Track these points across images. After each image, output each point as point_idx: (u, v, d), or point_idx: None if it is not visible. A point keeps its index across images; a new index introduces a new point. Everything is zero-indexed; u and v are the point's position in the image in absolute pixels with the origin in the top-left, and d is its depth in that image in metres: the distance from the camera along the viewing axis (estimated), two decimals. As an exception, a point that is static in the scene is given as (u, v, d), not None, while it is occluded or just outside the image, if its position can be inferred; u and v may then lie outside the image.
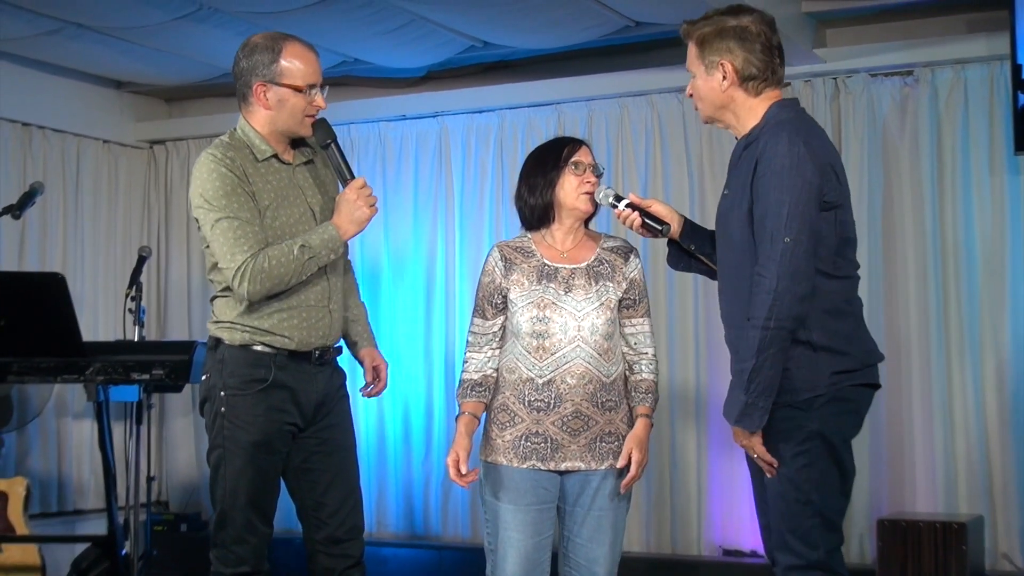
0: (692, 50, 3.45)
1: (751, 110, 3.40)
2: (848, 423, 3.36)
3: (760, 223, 3.24)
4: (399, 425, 6.97)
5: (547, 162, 3.81)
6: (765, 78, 3.39)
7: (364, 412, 6.89)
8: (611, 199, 3.72)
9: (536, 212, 3.81)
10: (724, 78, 3.38)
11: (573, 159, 3.78)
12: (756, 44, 3.37)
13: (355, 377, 4.11)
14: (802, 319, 3.21)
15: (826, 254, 3.28)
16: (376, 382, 4.06)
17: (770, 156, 3.23)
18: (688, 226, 3.69)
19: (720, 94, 3.41)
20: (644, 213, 3.66)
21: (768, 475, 3.31)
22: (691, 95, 3.52)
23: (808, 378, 3.26)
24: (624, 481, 3.71)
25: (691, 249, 3.68)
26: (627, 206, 3.67)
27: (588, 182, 3.77)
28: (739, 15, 3.41)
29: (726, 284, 3.46)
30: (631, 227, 3.68)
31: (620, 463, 3.71)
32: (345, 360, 4.02)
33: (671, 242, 3.74)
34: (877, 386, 3.43)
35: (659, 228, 3.63)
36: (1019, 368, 5.72)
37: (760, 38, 3.38)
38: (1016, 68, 5.48)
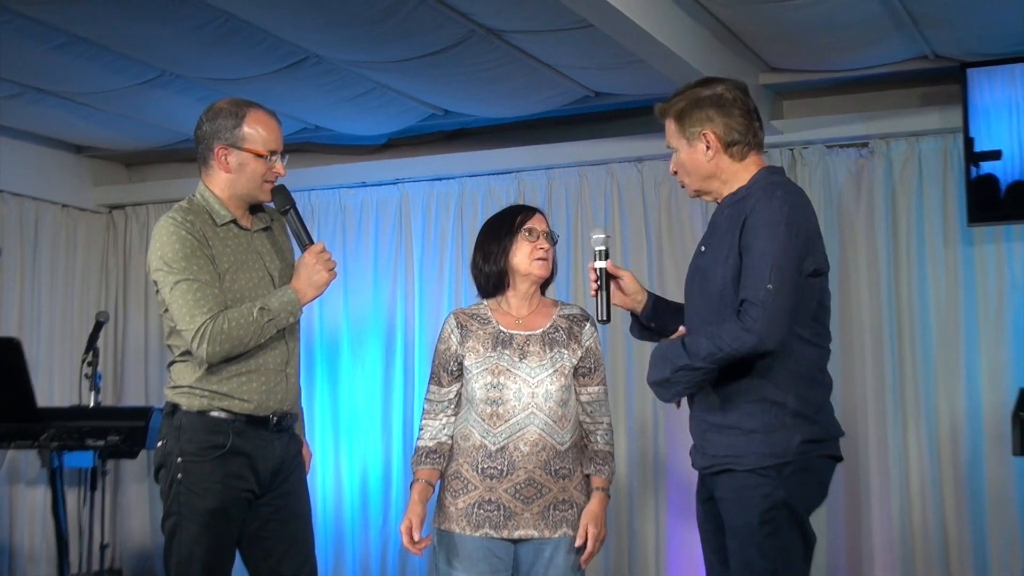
0: (671, 126, 3.46)
1: (737, 175, 3.41)
2: (813, 493, 3.37)
3: (745, 272, 3.23)
4: (356, 492, 6.91)
5: (501, 229, 3.84)
6: (747, 142, 3.41)
7: (321, 478, 6.84)
8: (599, 246, 3.65)
9: (491, 279, 3.83)
10: (708, 147, 3.39)
11: (527, 226, 3.82)
12: (734, 109, 3.40)
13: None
14: (736, 363, 3.22)
15: (805, 319, 3.29)
16: None
17: (761, 210, 3.25)
18: (652, 302, 3.68)
19: (706, 164, 3.41)
20: (607, 287, 3.61)
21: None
22: (675, 172, 3.51)
23: (778, 443, 3.25)
24: (583, 557, 3.72)
25: (652, 327, 3.68)
26: (601, 269, 3.62)
27: (541, 248, 3.80)
28: (712, 85, 3.44)
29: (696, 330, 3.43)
30: (591, 285, 3.65)
31: (578, 542, 3.71)
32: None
33: (634, 315, 3.74)
34: (839, 459, 3.42)
35: (603, 317, 3.62)
36: (974, 437, 5.75)
37: (737, 104, 3.41)
38: (968, 141, 5.57)
